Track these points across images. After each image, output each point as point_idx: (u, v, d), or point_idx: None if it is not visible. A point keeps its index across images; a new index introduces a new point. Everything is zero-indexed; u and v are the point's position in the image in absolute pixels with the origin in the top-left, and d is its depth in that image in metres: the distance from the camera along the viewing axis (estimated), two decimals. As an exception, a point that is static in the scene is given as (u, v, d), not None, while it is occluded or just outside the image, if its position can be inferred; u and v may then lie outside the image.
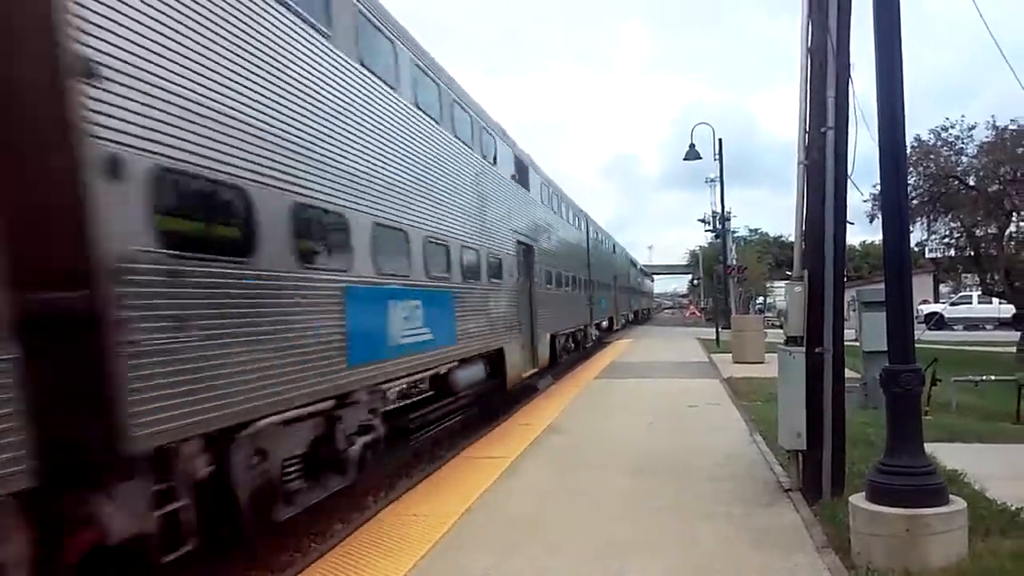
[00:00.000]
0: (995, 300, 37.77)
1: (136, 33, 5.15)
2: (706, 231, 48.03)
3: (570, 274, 24.86)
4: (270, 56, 6.96)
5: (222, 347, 5.82)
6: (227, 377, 5.87)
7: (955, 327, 43.25)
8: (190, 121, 5.65)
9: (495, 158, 15.67)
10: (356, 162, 8.66)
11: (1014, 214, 27.48)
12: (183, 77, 5.60)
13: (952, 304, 46.78)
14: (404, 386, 11.81)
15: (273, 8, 7.10)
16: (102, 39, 4.84)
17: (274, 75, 7.02)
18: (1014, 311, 30.69)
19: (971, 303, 45.60)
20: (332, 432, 8.03)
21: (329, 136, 8.03)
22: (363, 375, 8.43)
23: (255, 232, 6.46)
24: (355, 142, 8.69)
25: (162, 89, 5.35)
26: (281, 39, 7.21)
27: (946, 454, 7.99)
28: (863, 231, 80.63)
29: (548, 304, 20.07)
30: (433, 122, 11.55)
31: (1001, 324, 39.69)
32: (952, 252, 31.04)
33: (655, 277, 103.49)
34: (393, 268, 9.49)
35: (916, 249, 30.54)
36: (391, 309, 9.36)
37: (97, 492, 4.90)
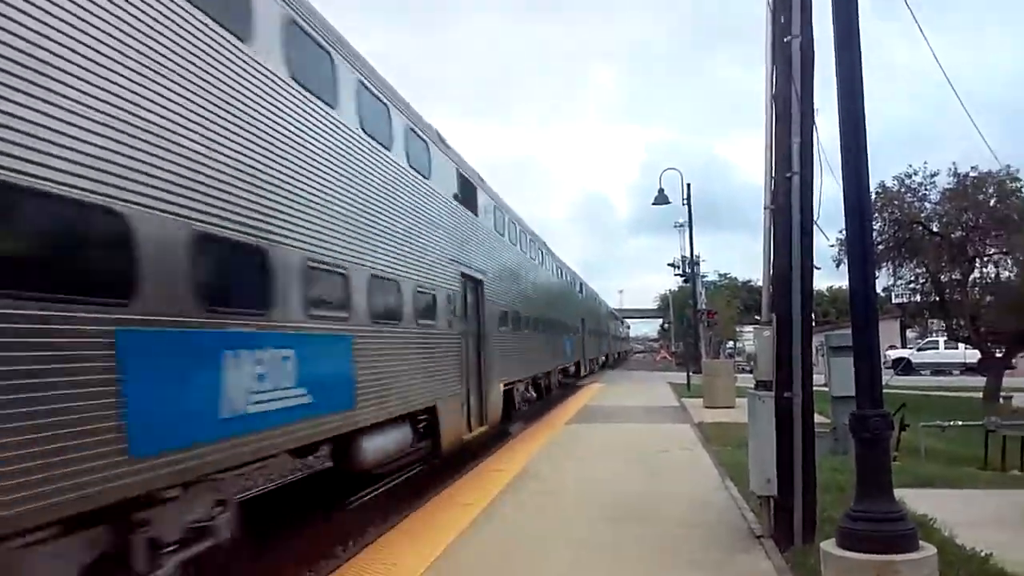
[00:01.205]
0: (961, 345, 38.19)
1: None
2: (676, 275, 48.36)
3: (593, 328, 44.59)
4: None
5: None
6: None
7: (922, 372, 43.69)
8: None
9: (573, 281, 36.70)
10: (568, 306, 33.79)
11: (977, 260, 27.94)
12: None
13: (919, 349, 47.29)
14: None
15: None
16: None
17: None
18: (979, 356, 31.06)
19: (938, 348, 46.11)
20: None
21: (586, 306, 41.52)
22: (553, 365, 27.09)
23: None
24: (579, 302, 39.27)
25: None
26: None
27: (915, 500, 7.98)
28: (830, 276, 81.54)
29: (589, 345, 40.88)
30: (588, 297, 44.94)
31: (967, 369, 40.16)
32: (918, 297, 31.43)
33: (623, 320, 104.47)
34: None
35: (882, 294, 30.91)
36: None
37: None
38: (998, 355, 28.53)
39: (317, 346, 8.01)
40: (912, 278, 30.19)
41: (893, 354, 41.81)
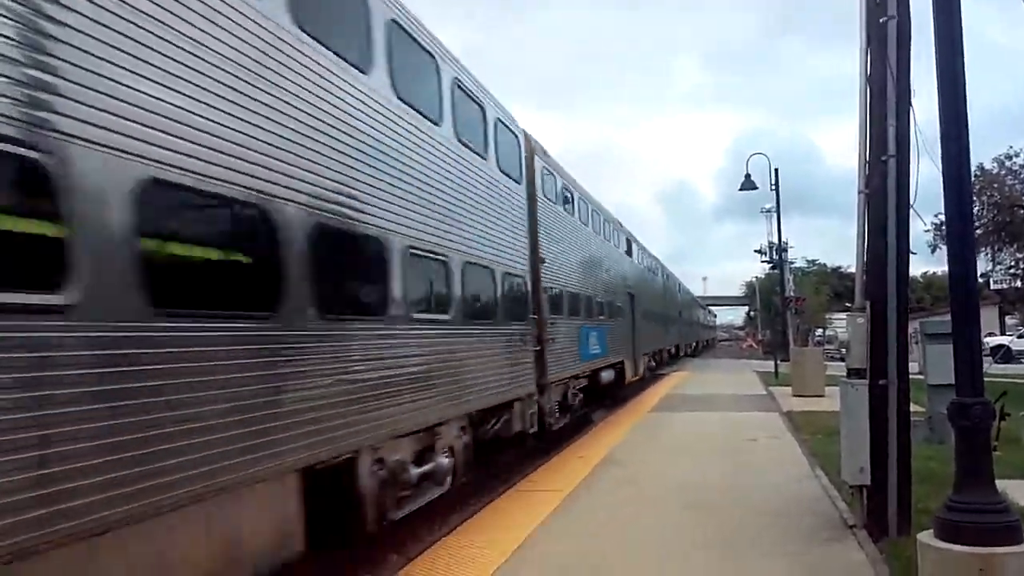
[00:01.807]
0: (1065, 332, 36.52)
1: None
2: (763, 262, 47.39)
3: (687, 318, 57.02)
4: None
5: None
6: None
7: (1023, 360, 41.89)
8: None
9: (676, 283, 48.73)
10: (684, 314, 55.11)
11: (1082, 244, 26.72)
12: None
13: (1019, 336, 45.31)
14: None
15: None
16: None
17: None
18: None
19: (1039, 335, 44.09)
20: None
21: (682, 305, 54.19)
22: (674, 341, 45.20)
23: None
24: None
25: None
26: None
27: (1017, 491, 7.70)
28: (925, 262, 79.04)
29: (687, 333, 55.98)
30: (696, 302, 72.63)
31: (1072, 357, 38.35)
32: (1018, 283, 30.23)
33: (710, 308, 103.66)
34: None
35: (980, 280, 29.82)
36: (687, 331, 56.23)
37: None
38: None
39: (600, 329, 18.95)
40: (1012, 263, 29.05)
41: (992, 341, 40.12)
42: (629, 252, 26.49)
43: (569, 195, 16.99)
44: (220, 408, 4.99)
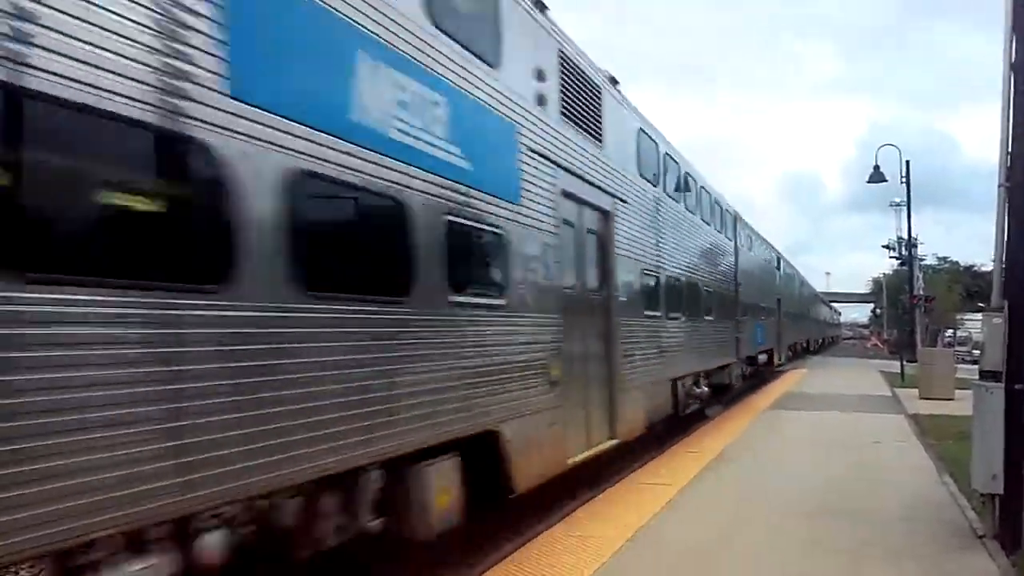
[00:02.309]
0: None
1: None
2: (891, 258, 45.48)
3: (815, 318, 61.02)
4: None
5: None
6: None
7: None
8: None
9: (809, 289, 58.20)
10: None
11: None
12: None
13: None
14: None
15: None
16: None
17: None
18: None
19: None
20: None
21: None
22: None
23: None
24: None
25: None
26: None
27: None
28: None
29: (814, 330, 58.56)
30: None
31: None
32: None
33: (833, 305, 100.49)
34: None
35: None
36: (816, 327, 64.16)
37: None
38: None
39: (762, 326, 26.73)
40: None
41: None
42: (778, 267, 34.98)
43: (750, 239, 25.85)
44: (658, 351, 12.88)
